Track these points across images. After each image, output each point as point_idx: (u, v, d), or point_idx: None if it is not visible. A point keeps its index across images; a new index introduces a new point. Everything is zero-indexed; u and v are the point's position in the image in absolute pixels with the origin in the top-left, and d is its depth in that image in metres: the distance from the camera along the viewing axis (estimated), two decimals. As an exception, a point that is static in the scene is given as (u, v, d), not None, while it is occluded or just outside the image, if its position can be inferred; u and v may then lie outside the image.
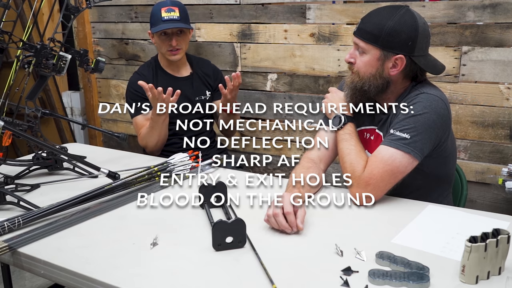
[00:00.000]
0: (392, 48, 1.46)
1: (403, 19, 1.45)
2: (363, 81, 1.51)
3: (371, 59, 1.49)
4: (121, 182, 1.57)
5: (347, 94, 1.57)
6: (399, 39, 1.45)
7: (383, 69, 1.49)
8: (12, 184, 1.61)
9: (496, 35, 2.07)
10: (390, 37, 1.45)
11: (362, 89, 1.51)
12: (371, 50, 1.48)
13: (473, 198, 2.23)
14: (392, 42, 1.45)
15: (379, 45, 1.46)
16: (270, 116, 2.71)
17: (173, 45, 2.24)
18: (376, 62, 1.48)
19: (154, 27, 2.24)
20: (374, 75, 1.50)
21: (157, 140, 2.21)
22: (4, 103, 1.69)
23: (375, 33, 1.46)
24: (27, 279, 2.62)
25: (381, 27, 1.46)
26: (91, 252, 1.21)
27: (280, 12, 2.53)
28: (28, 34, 1.70)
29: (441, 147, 1.51)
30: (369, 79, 1.50)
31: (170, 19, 2.23)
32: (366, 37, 1.48)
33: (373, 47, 1.47)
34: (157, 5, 2.27)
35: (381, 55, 1.47)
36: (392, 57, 1.47)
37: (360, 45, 1.49)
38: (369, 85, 1.50)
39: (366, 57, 1.49)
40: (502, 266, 1.06)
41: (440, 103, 1.46)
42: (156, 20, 2.23)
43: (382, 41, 1.46)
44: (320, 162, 1.62)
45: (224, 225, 1.18)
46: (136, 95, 2.27)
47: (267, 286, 1.04)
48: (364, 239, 1.24)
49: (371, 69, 1.49)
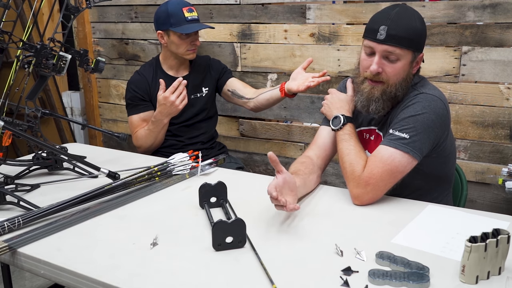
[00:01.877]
0: (421, 48, 1.48)
1: (420, 17, 1.48)
2: (396, 88, 1.48)
3: (405, 64, 1.46)
4: (121, 182, 1.57)
5: (377, 107, 1.49)
6: (424, 37, 1.48)
7: (411, 70, 1.49)
8: (12, 184, 1.61)
9: (496, 35, 2.07)
10: (421, 38, 1.47)
11: (395, 95, 1.49)
12: (406, 55, 1.45)
13: (473, 198, 2.23)
14: (422, 43, 1.48)
15: (413, 48, 1.45)
16: (270, 116, 2.71)
17: (197, 45, 2.25)
18: (408, 65, 1.47)
19: (177, 27, 2.18)
20: (405, 79, 1.48)
21: (153, 143, 2.21)
22: (4, 103, 1.69)
23: (410, 37, 1.43)
24: (27, 279, 2.63)
25: (414, 30, 1.44)
26: (91, 252, 1.21)
27: (280, 12, 2.53)
28: (28, 34, 1.71)
29: (440, 147, 1.51)
30: (401, 84, 1.48)
31: (193, 19, 2.22)
32: (402, 43, 1.42)
33: (408, 51, 1.44)
34: (173, 4, 2.21)
35: (412, 57, 1.47)
36: (418, 56, 1.49)
37: (395, 53, 1.43)
38: (401, 89, 1.49)
39: (400, 64, 1.45)
40: (502, 266, 1.06)
41: (439, 103, 1.46)
42: (179, 20, 2.19)
43: (416, 43, 1.45)
44: (318, 159, 1.62)
45: (224, 225, 1.18)
46: (135, 94, 2.27)
47: (267, 286, 1.04)
48: (364, 239, 1.24)
49: (403, 74, 1.47)
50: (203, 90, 2.34)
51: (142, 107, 2.27)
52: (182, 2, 2.24)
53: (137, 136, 2.24)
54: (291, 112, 2.64)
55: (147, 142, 2.21)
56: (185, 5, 2.22)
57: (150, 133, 2.18)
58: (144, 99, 2.27)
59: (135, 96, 2.27)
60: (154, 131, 2.17)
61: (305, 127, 2.64)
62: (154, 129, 2.16)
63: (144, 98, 2.27)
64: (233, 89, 2.34)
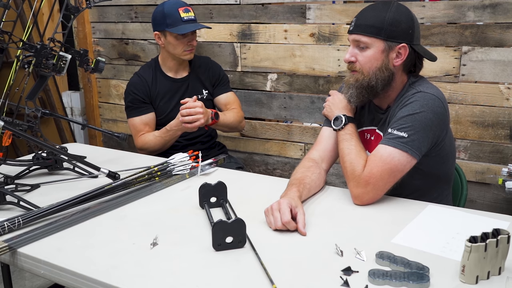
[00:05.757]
0: (395, 37, 1.47)
1: (400, 10, 1.48)
2: (370, 77, 1.50)
3: (375, 53, 1.48)
4: (121, 182, 1.57)
5: (351, 94, 1.54)
6: (401, 28, 1.47)
7: (388, 61, 1.49)
8: (12, 184, 1.61)
9: (496, 35, 2.07)
10: (393, 27, 1.46)
11: (370, 85, 1.50)
12: (375, 43, 1.47)
13: (473, 198, 2.23)
14: (396, 32, 1.47)
15: (382, 37, 1.46)
16: (270, 116, 2.71)
17: (194, 45, 2.24)
18: (381, 54, 1.48)
19: (172, 27, 2.18)
20: (380, 68, 1.49)
21: (160, 148, 2.22)
22: (4, 103, 1.69)
23: (377, 25, 1.46)
24: (27, 279, 2.62)
25: (382, 19, 1.46)
26: (91, 252, 1.21)
27: (280, 12, 2.53)
28: (28, 34, 1.70)
29: (439, 145, 1.51)
30: (375, 73, 1.49)
31: (190, 19, 2.21)
32: (368, 31, 1.47)
33: (377, 39, 1.47)
34: (169, 5, 2.21)
35: (385, 47, 1.48)
36: (396, 47, 1.48)
37: (362, 41, 1.48)
38: (376, 79, 1.49)
39: (369, 52, 1.48)
40: (502, 266, 1.06)
41: (437, 101, 1.47)
42: (175, 20, 2.18)
43: (386, 32, 1.46)
44: (322, 162, 1.62)
45: (224, 225, 1.18)
46: (135, 97, 2.26)
47: (267, 286, 1.04)
48: (364, 239, 1.24)
49: (376, 63, 1.49)
50: (203, 93, 2.34)
51: (143, 109, 2.27)
52: (178, 2, 2.23)
53: (143, 140, 2.23)
54: (291, 112, 2.64)
55: (155, 147, 2.21)
56: (181, 5, 2.21)
57: (161, 140, 2.19)
58: (144, 101, 2.27)
59: (135, 98, 2.26)
60: (166, 139, 2.18)
61: (305, 127, 2.64)
62: (166, 137, 2.17)
63: (144, 100, 2.27)
64: (219, 107, 2.37)
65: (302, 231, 1.27)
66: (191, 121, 2.02)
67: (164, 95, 2.29)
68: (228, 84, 2.43)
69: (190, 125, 2.03)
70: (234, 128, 2.34)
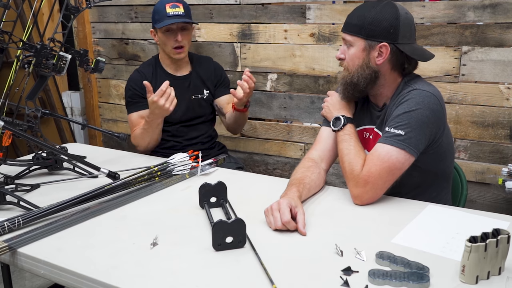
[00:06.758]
0: (375, 36, 1.49)
1: (384, 9, 1.49)
2: (352, 74, 1.53)
3: (357, 51, 1.51)
4: (121, 182, 1.57)
5: (338, 90, 1.61)
6: (381, 27, 1.48)
7: (369, 59, 1.51)
8: (12, 184, 1.61)
9: (496, 35, 2.07)
10: (373, 26, 1.48)
11: (352, 82, 1.54)
12: (357, 42, 1.51)
13: (473, 198, 2.23)
14: (375, 31, 1.48)
15: (363, 35, 1.49)
16: (270, 116, 2.71)
17: (179, 40, 2.22)
18: (362, 53, 1.51)
19: (159, 23, 2.21)
20: (361, 66, 1.52)
21: (149, 142, 2.20)
22: (4, 103, 1.69)
23: (358, 24, 1.50)
24: (27, 279, 2.62)
25: (363, 18, 1.49)
26: (91, 252, 1.21)
27: (280, 12, 2.53)
28: (28, 34, 1.71)
29: (437, 143, 1.52)
30: (357, 71, 1.52)
31: (175, 15, 2.21)
32: (351, 30, 1.51)
33: (358, 38, 1.50)
34: (160, 1, 2.25)
35: (365, 45, 1.50)
36: (376, 46, 1.49)
37: (347, 39, 1.53)
38: (357, 77, 1.53)
39: (352, 50, 1.52)
40: (502, 266, 1.06)
41: (433, 98, 1.47)
42: (161, 16, 2.21)
43: (365, 31, 1.49)
44: (321, 162, 1.62)
45: (224, 225, 1.18)
46: (134, 92, 2.27)
47: (267, 286, 1.04)
48: (364, 239, 1.24)
49: (358, 61, 1.52)
50: (204, 92, 2.34)
51: (141, 104, 2.26)
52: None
53: (134, 134, 2.23)
54: (291, 112, 2.64)
55: (144, 140, 2.20)
56: (169, 1, 2.23)
57: (145, 132, 2.17)
58: (143, 96, 2.27)
59: (134, 94, 2.27)
60: (149, 130, 2.16)
61: (305, 127, 2.64)
62: (148, 128, 2.15)
63: (143, 95, 2.27)
64: (220, 106, 2.36)
65: (302, 231, 1.27)
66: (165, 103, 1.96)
67: None
68: (229, 86, 2.44)
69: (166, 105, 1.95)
70: (241, 125, 2.37)
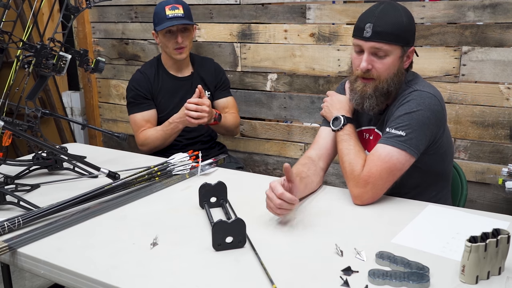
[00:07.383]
0: (410, 42, 1.49)
1: (407, 12, 1.49)
2: (388, 83, 1.49)
3: (394, 59, 1.47)
4: (121, 182, 1.57)
5: (371, 104, 1.50)
6: (412, 31, 1.49)
7: (402, 65, 1.50)
8: (12, 184, 1.61)
9: (496, 35, 2.07)
10: (409, 32, 1.48)
11: (388, 91, 1.50)
12: (395, 50, 1.46)
13: (473, 198, 2.23)
14: (410, 37, 1.49)
15: (400, 43, 1.46)
16: (270, 116, 2.71)
17: (179, 42, 2.23)
18: (398, 60, 1.48)
19: (159, 26, 2.22)
20: (396, 74, 1.49)
21: (162, 144, 2.21)
22: (4, 103, 1.69)
23: (397, 33, 1.44)
24: (27, 279, 2.62)
25: (400, 25, 1.45)
26: (91, 252, 1.21)
27: (280, 12, 2.53)
28: (28, 34, 1.70)
29: (437, 143, 1.52)
30: (393, 79, 1.49)
31: (175, 17, 2.22)
32: (389, 39, 1.44)
33: (396, 46, 1.46)
34: (160, 4, 2.26)
35: (402, 52, 1.48)
36: (408, 51, 1.49)
37: (383, 49, 1.44)
38: (393, 85, 1.50)
39: (389, 59, 1.46)
40: (502, 266, 1.06)
41: (433, 99, 1.47)
42: (161, 18, 2.22)
43: (403, 38, 1.46)
44: (319, 160, 1.62)
45: (224, 225, 1.18)
46: (137, 93, 2.27)
47: (267, 286, 1.04)
48: (364, 239, 1.24)
49: (394, 69, 1.48)
50: (206, 94, 2.34)
51: (145, 105, 2.27)
52: (169, 1, 2.26)
53: (145, 135, 2.23)
54: (291, 112, 2.64)
55: (156, 142, 2.21)
56: (168, 3, 2.24)
57: (163, 135, 2.18)
58: (146, 97, 2.27)
59: (137, 94, 2.27)
60: (167, 133, 2.17)
61: (305, 127, 2.64)
62: (167, 131, 2.17)
63: (146, 96, 2.27)
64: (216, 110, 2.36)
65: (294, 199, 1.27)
66: (196, 117, 2.02)
67: (166, 92, 2.30)
68: (229, 89, 2.44)
69: (193, 120, 2.03)
70: (230, 131, 2.37)
